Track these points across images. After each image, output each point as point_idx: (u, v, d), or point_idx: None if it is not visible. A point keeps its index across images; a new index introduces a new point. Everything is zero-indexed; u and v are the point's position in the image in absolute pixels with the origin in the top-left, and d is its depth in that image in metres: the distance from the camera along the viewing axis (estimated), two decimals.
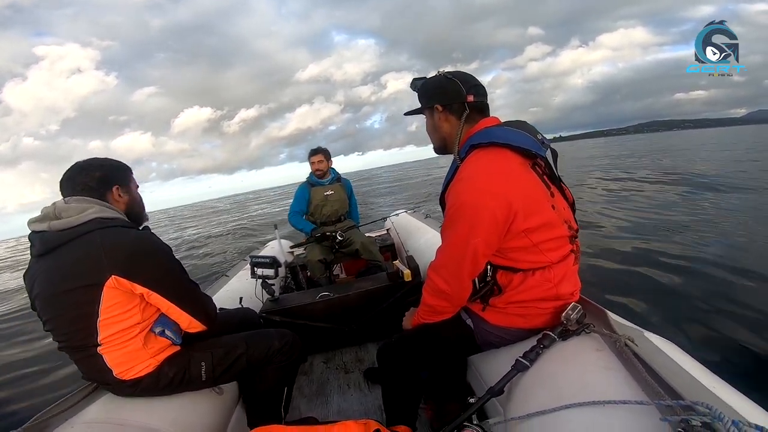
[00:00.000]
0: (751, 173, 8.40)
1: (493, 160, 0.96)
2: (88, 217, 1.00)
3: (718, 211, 5.08)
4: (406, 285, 1.90)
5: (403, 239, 2.97)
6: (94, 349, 1.01)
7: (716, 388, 0.63)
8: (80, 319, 0.99)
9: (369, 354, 1.99)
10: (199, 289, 1.18)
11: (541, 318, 1.03)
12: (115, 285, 0.97)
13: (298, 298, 2.06)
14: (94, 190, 1.08)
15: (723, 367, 0.82)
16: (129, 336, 1.03)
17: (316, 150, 2.80)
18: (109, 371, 1.04)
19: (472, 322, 1.11)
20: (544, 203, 0.97)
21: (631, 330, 0.89)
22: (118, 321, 1.01)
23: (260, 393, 1.29)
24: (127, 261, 0.98)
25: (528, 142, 0.97)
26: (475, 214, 0.92)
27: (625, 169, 11.53)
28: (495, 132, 0.99)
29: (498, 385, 0.93)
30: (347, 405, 1.62)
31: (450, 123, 1.08)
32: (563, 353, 0.92)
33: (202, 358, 1.16)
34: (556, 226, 0.98)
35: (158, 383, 1.10)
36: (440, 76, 1.10)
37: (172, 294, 1.06)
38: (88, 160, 1.13)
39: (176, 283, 1.09)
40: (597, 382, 0.78)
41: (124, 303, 1.00)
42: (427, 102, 1.12)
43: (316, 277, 2.63)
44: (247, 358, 1.22)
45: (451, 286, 1.01)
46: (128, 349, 1.04)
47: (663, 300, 2.68)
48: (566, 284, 1.01)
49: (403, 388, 1.19)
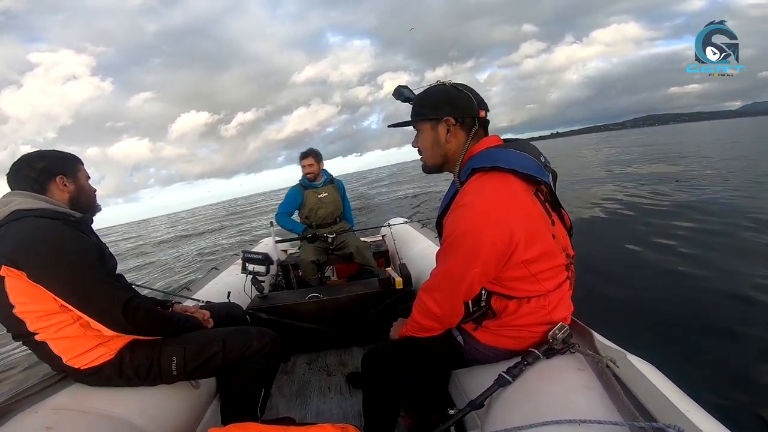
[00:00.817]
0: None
1: (496, 188, 0.90)
2: (7, 211, 1.01)
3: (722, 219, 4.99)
4: (397, 293, 1.90)
5: (398, 247, 2.98)
6: (33, 337, 1.01)
7: (689, 412, 0.64)
8: (2, 309, 0.99)
9: (353, 358, 1.98)
10: (103, 291, 1.02)
11: (531, 340, 1.02)
12: (9, 274, 0.96)
13: (287, 297, 2.05)
14: (35, 180, 1.08)
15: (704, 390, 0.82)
16: (62, 323, 1.01)
17: (306, 153, 2.77)
18: (59, 358, 1.03)
19: (462, 339, 1.09)
20: (545, 233, 0.94)
21: (615, 351, 0.90)
22: (35, 310, 0.99)
23: (236, 391, 1.27)
24: (15, 249, 0.95)
25: (533, 168, 0.92)
26: (475, 244, 0.88)
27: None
28: (499, 155, 0.93)
29: (479, 399, 0.92)
30: (326, 408, 1.60)
31: (458, 139, 1.00)
32: (545, 371, 0.92)
33: (174, 352, 1.13)
34: (554, 255, 0.96)
35: (122, 372, 1.08)
36: (446, 86, 1.01)
37: (58, 290, 0.98)
38: (33, 152, 1.13)
39: (63, 279, 0.98)
40: (575, 400, 0.78)
41: (29, 292, 0.98)
42: (434, 112, 1.00)
43: (307, 277, 2.62)
44: (223, 356, 1.18)
45: (443, 309, 0.99)
46: (67, 335, 1.02)
47: (653, 320, 2.67)
48: (560, 310, 1.00)
49: (384, 395, 1.17)
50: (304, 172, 2.79)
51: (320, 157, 2.80)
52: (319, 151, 2.82)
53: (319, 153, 2.80)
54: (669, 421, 0.60)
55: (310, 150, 2.78)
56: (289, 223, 2.76)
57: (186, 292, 2.05)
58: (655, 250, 4.02)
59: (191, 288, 2.14)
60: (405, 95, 1.08)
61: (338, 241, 2.71)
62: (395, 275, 1.95)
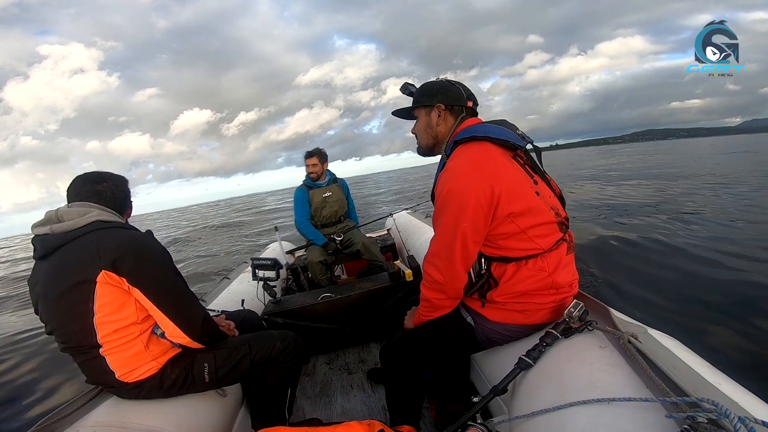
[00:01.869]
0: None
1: (474, 152, 1.02)
2: (89, 220, 1.03)
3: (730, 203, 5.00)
4: (408, 285, 1.90)
5: (404, 239, 2.97)
6: (96, 350, 1.02)
7: (721, 385, 0.63)
8: (77, 317, 0.99)
9: (372, 354, 1.99)
10: (192, 300, 1.14)
11: (540, 313, 1.04)
12: (106, 280, 0.97)
13: (299, 299, 2.06)
14: (115, 199, 1.13)
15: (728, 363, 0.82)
16: (130, 337, 1.03)
17: (311, 152, 2.77)
18: (112, 373, 1.04)
19: (472, 319, 1.12)
20: (527, 189, 1.01)
21: (635, 327, 0.89)
22: (115, 320, 1.01)
23: (264, 394, 1.29)
24: (117, 256, 0.98)
25: (506, 134, 1.04)
26: (460, 201, 0.97)
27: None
28: (475, 128, 1.08)
29: (501, 384, 0.93)
30: (351, 405, 1.62)
31: (446, 123, 1.15)
32: (566, 351, 0.92)
33: (205, 359, 1.16)
34: (541, 211, 1.01)
35: (162, 385, 1.10)
36: (443, 80, 1.18)
37: (154, 295, 1.03)
38: (112, 173, 1.17)
39: (162, 285, 1.05)
40: (601, 379, 0.78)
41: (117, 301, 1.00)
42: (429, 100, 1.15)
43: (317, 278, 2.63)
44: (251, 359, 1.22)
45: (445, 275, 1.03)
46: (131, 351, 1.04)
47: (667, 295, 2.67)
48: (562, 273, 1.02)
49: (406, 387, 1.18)
50: (307, 171, 2.79)
51: (325, 158, 2.80)
52: (325, 151, 2.81)
53: (325, 153, 2.80)
54: (701, 395, 0.59)
55: (316, 150, 2.78)
56: (312, 233, 2.72)
57: (201, 303, 2.05)
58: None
59: (205, 299, 2.15)
60: (410, 90, 1.24)
61: (345, 240, 2.72)
62: (404, 268, 1.95)
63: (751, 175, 9.53)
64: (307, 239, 2.80)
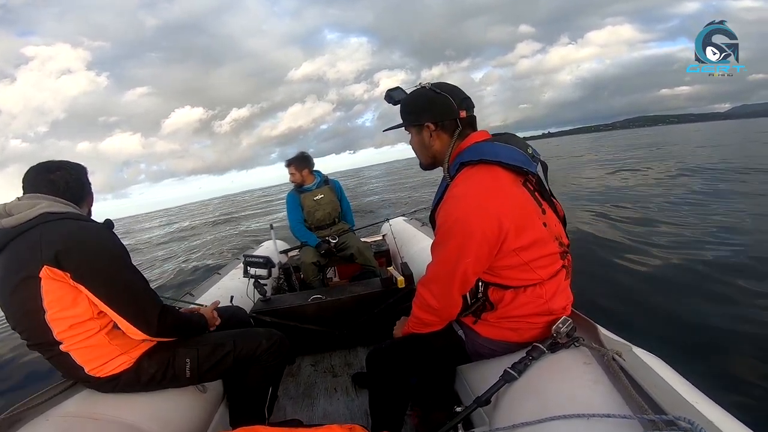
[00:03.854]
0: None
1: (483, 179, 0.94)
2: (36, 213, 0.99)
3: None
4: (400, 291, 1.90)
5: (399, 245, 2.97)
6: (57, 347, 0.99)
7: (698, 404, 0.64)
8: (30, 315, 0.97)
9: (358, 358, 1.98)
10: (145, 294, 1.06)
11: (532, 332, 1.03)
12: (49, 275, 0.93)
13: (289, 299, 2.05)
14: (67, 188, 1.08)
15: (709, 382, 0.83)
16: (89, 333, 1.00)
17: (288, 161, 2.74)
18: (81, 368, 1.02)
19: (463, 333, 1.11)
20: (536, 221, 0.96)
21: (620, 344, 0.90)
22: (68, 316, 0.97)
23: (245, 392, 1.27)
24: (60, 249, 0.94)
25: (519, 159, 0.96)
26: (465, 234, 0.91)
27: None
28: (485, 148, 0.97)
29: (485, 395, 0.93)
30: (333, 409, 1.61)
31: (441, 141, 1.04)
32: (551, 365, 0.92)
33: (187, 354, 1.14)
34: (547, 243, 0.97)
35: (139, 379, 1.08)
36: (426, 90, 1.04)
37: (101, 292, 0.97)
38: (64, 161, 1.13)
39: (109, 281, 0.99)
40: (583, 395, 0.78)
41: (67, 297, 0.96)
42: (416, 119, 1.06)
43: (309, 279, 2.62)
44: (234, 356, 1.20)
45: (440, 302, 1.00)
46: (92, 345, 1.01)
47: (656, 312, 2.68)
48: (558, 299, 1.01)
49: (390, 394, 1.18)
50: (290, 180, 2.78)
51: (304, 163, 2.73)
52: (305, 153, 2.77)
53: (304, 158, 2.75)
54: (678, 414, 0.60)
55: (293, 158, 2.74)
56: (305, 235, 2.72)
57: (189, 297, 2.05)
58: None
59: (194, 293, 2.14)
60: (395, 99, 1.11)
61: (339, 242, 2.71)
62: (397, 274, 1.95)
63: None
64: (300, 241, 2.80)
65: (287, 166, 2.76)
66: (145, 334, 1.03)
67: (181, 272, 6.46)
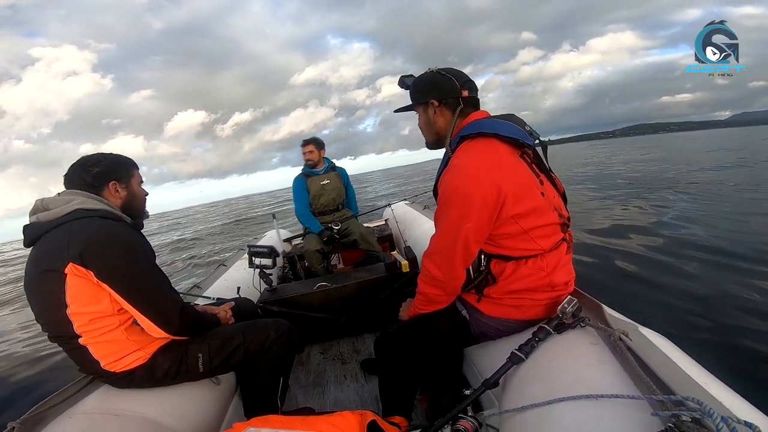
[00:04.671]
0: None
1: (482, 150, 0.99)
2: (70, 209, 1.02)
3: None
4: (404, 276, 1.91)
5: (402, 230, 2.98)
6: (76, 340, 1.02)
7: (707, 384, 0.64)
8: (53, 307, 0.99)
9: (366, 345, 2.01)
10: (166, 293, 1.09)
11: (535, 309, 1.04)
12: (74, 272, 0.96)
13: (295, 288, 2.06)
14: (89, 185, 1.10)
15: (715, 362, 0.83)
16: (108, 328, 1.03)
17: (307, 140, 2.83)
18: (97, 362, 1.04)
19: (467, 313, 1.13)
20: (533, 189, 0.99)
21: (626, 324, 0.90)
22: (90, 312, 1.00)
23: (257, 383, 1.30)
24: (85, 248, 0.96)
25: (516, 132, 1.01)
26: (465, 200, 0.94)
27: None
28: (483, 123, 1.03)
29: (493, 378, 0.94)
30: (344, 395, 1.63)
31: (444, 117, 1.11)
32: (558, 346, 0.93)
33: (199, 350, 1.16)
34: (545, 212, 1.00)
35: (153, 374, 1.10)
36: (433, 73, 1.12)
37: (124, 291, 1.00)
38: (91, 155, 1.14)
39: (132, 280, 1.01)
40: (591, 375, 0.79)
41: (90, 293, 0.99)
42: (422, 97, 1.12)
43: (313, 267, 2.63)
44: (245, 349, 1.22)
45: (444, 273, 1.03)
46: (110, 340, 1.03)
47: (660, 295, 2.70)
48: (560, 273, 1.02)
49: (399, 378, 1.20)
50: (305, 159, 2.82)
51: (321, 145, 2.84)
52: (322, 140, 2.86)
53: (321, 141, 2.84)
54: (687, 394, 0.60)
55: (311, 138, 2.84)
56: (309, 220, 2.75)
57: (196, 290, 2.06)
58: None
59: (201, 286, 2.16)
60: (407, 84, 1.19)
61: (342, 229, 2.72)
62: (401, 258, 1.95)
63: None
64: (304, 227, 2.81)
65: (305, 144, 2.81)
66: (167, 332, 1.07)
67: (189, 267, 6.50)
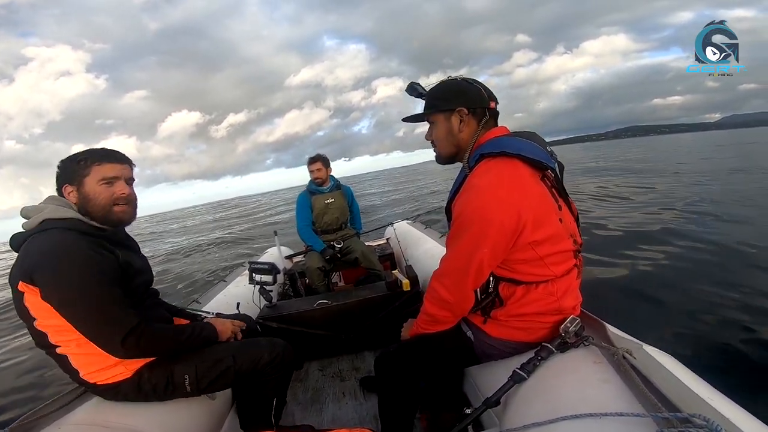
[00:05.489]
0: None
1: (503, 170, 0.94)
2: (38, 220, 0.99)
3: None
4: (405, 294, 1.90)
5: (403, 249, 2.97)
6: (53, 350, 1.00)
7: (713, 400, 0.63)
8: (27, 319, 0.99)
9: (365, 362, 1.98)
10: (108, 315, 0.96)
11: (541, 332, 1.02)
12: (27, 290, 0.94)
13: (295, 304, 2.05)
14: (57, 189, 1.07)
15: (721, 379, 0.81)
16: (80, 339, 0.98)
17: (314, 158, 2.79)
18: (76, 372, 1.02)
19: (472, 334, 1.10)
20: (552, 215, 0.96)
21: (630, 342, 0.89)
22: (54, 325, 0.98)
23: (250, 402, 1.26)
24: (33, 267, 0.93)
25: (539, 154, 0.96)
26: (483, 225, 0.90)
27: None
28: (506, 142, 0.98)
29: (494, 396, 0.92)
30: (342, 413, 1.60)
31: (470, 128, 1.04)
32: (561, 365, 0.92)
33: (185, 370, 1.11)
34: (562, 239, 0.97)
35: (141, 389, 1.07)
36: (457, 80, 1.06)
37: (63, 312, 0.94)
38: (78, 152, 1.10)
39: (68, 300, 0.93)
40: (594, 394, 0.78)
41: (46, 308, 0.95)
42: (449, 103, 1.04)
43: (314, 284, 2.62)
44: (235, 370, 1.17)
45: (454, 296, 1.00)
46: (86, 351, 1.00)
47: (662, 311, 2.66)
48: (568, 298, 1.00)
49: (399, 397, 1.17)
50: (312, 177, 2.80)
51: (328, 163, 2.81)
52: (327, 157, 2.83)
53: (327, 159, 2.81)
54: (693, 411, 0.59)
55: (318, 155, 2.80)
56: (312, 238, 2.73)
57: (195, 304, 2.05)
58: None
59: (200, 300, 2.15)
60: (418, 91, 1.12)
61: (344, 247, 2.72)
62: (402, 277, 1.95)
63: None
64: (306, 245, 2.81)
65: (313, 162, 2.77)
66: (117, 356, 1.00)
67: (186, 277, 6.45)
